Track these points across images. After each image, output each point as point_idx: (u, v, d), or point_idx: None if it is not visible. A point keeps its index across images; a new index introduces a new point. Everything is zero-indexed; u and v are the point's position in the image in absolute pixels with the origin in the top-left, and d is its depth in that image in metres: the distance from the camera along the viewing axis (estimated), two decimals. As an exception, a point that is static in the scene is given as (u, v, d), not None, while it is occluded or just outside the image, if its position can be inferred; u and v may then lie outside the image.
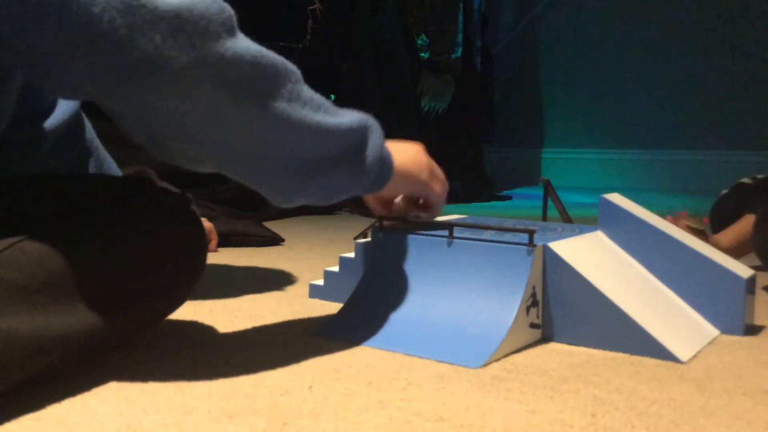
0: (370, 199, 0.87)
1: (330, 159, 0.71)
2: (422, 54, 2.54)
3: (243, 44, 0.61)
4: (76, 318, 0.60)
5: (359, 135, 0.73)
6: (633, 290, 0.79)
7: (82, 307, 0.60)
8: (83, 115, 0.90)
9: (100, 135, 0.94)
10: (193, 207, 0.77)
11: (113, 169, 0.97)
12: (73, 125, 0.86)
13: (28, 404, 0.56)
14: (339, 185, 0.74)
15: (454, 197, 2.52)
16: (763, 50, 3.00)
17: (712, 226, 1.56)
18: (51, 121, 0.80)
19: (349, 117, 0.72)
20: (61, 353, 0.59)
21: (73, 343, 0.60)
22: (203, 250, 0.77)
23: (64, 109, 0.82)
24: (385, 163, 0.77)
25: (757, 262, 1.19)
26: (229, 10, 0.62)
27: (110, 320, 0.63)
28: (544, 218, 1.00)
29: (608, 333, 0.75)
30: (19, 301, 0.56)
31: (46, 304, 0.58)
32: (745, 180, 1.37)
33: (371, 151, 0.74)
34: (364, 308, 0.81)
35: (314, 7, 2.29)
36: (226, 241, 1.43)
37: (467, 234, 0.81)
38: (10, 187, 0.73)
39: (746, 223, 1.29)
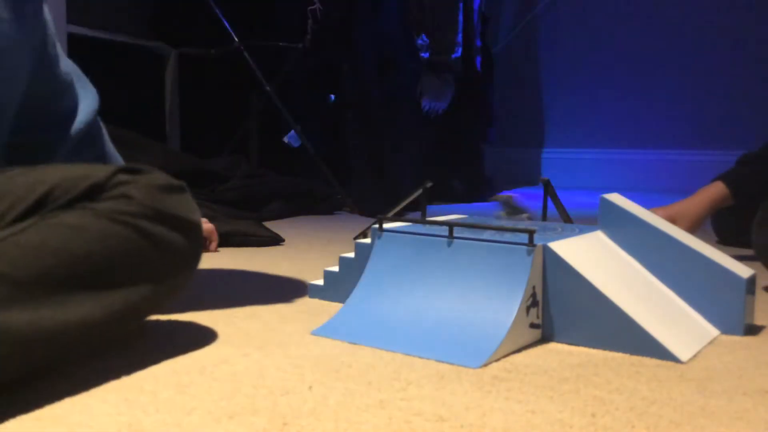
0: None
1: None
2: (422, 54, 2.54)
3: None
4: (69, 310, 0.60)
5: None
6: (633, 290, 0.79)
7: (76, 300, 0.61)
8: (99, 119, 0.90)
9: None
10: (187, 195, 0.74)
11: None
12: (91, 129, 0.87)
13: (28, 404, 0.56)
14: None
15: (454, 197, 2.52)
16: (762, 50, 2.99)
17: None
18: (73, 126, 0.81)
19: None
20: (55, 346, 0.59)
21: (67, 336, 0.60)
22: (198, 237, 0.74)
23: (85, 112, 0.83)
24: None
25: (746, 256, 1.19)
26: None
27: (104, 311, 0.63)
28: (544, 218, 1.00)
29: (608, 333, 0.75)
30: (11, 295, 0.56)
31: (38, 298, 0.58)
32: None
33: None
34: (364, 308, 0.81)
35: (314, 7, 2.29)
36: (226, 241, 1.43)
37: (467, 234, 0.81)
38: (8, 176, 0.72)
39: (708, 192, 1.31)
